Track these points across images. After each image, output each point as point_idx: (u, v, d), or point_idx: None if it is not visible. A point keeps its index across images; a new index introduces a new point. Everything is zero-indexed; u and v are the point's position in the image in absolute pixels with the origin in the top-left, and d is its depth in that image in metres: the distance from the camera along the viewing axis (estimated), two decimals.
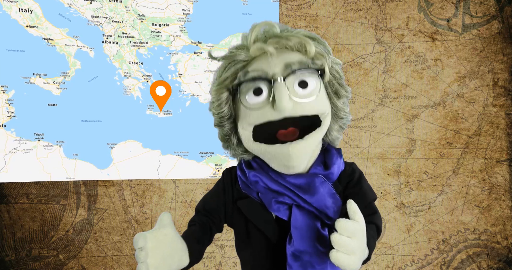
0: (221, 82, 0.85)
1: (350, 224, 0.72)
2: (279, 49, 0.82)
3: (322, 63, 0.83)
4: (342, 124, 0.92)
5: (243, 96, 0.83)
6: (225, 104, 0.87)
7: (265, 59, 0.82)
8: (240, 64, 0.84)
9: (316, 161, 0.89)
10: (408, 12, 1.97)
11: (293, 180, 0.85)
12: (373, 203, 0.92)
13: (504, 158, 1.94)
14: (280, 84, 0.78)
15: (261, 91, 0.81)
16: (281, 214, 0.85)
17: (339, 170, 0.90)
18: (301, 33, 0.84)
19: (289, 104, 0.78)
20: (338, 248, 0.71)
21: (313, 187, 0.83)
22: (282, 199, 0.85)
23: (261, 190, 0.88)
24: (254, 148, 0.86)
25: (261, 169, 0.89)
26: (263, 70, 0.81)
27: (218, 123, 0.91)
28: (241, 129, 0.88)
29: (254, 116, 0.83)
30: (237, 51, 0.84)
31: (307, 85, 0.81)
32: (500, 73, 1.93)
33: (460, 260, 1.96)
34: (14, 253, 1.90)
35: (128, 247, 1.97)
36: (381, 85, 1.98)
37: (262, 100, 0.81)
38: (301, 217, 0.83)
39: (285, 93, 0.77)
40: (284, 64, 0.80)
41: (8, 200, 1.89)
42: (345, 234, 0.72)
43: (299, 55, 0.82)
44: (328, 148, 0.93)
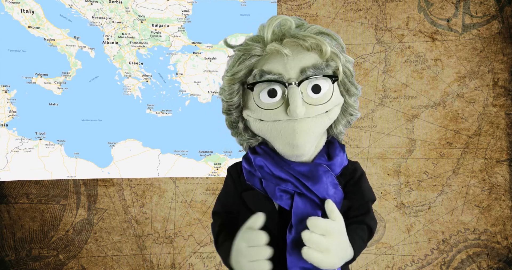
0: (234, 73, 0.87)
1: (322, 222, 0.74)
2: (295, 49, 0.84)
3: (336, 65, 0.85)
4: (350, 119, 0.95)
5: (257, 94, 0.85)
6: (236, 94, 0.89)
7: (280, 59, 0.83)
8: (254, 58, 0.86)
9: (320, 152, 0.91)
10: (408, 12, 1.97)
11: (298, 167, 0.86)
12: (370, 203, 0.93)
13: (504, 158, 1.93)
14: (295, 89, 0.80)
15: (275, 93, 0.83)
16: (283, 203, 0.86)
17: (341, 162, 0.92)
18: (316, 30, 0.86)
19: (303, 110, 0.81)
20: (310, 245, 0.73)
21: (317, 175, 0.84)
22: (285, 186, 0.86)
23: (265, 176, 0.89)
24: (261, 128, 0.88)
25: (267, 155, 0.91)
26: (279, 73, 0.83)
27: (226, 110, 0.93)
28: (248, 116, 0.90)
29: (266, 115, 0.85)
30: (253, 44, 0.86)
31: (320, 89, 0.84)
32: (500, 73, 1.93)
33: (460, 260, 1.95)
34: (14, 253, 1.90)
35: (128, 247, 1.97)
36: (381, 85, 1.98)
37: (276, 102, 0.83)
38: (302, 205, 0.84)
39: (299, 98, 0.80)
40: (300, 68, 0.82)
41: (8, 200, 1.90)
42: (316, 231, 0.73)
43: (314, 56, 0.84)
44: (332, 141, 0.95)
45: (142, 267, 1.97)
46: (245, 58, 0.86)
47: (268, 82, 0.83)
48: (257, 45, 0.85)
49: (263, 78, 0.83)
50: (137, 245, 1.98)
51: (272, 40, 0.84)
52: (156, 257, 1.98)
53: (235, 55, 0.89)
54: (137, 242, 1.98)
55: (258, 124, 0.88)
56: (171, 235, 1.98)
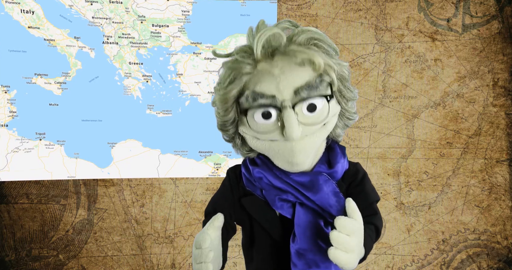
0: (226, 92, 0.82)
1: (349, 222, 0.73)
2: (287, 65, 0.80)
3: (331, 78, 0.81)
4: (348, 123, 0.92)
5: (251, 116, 0.82)
6: (230, 110, 0.86)
7: (272, 78, 0.79)
8: (245, 77, 0.81)
9: (320, 160, 0.89)
10: (408, 12, 1.97)
11: (297, 177, 0.85)
12: (375, 204, 0.92)
13: (504, 158, 1.93)
14: (290, 112, 0.77)
15: (270, 115, 0.80)
16: (284, 212, 0.85)
17: (343, 169, 0.90)
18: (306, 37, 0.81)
19: (299, 132, 0.78)
20: (337, 246, 0.72)
21: (317, 185, 0.83)
22: (286, 196, 0.85)
23: (265, 187, 0.88)
24: (258, 146, 0.86)
25: (265, 165, 0.89)
26: (272, 94, 0.79)
27: (221, 127, 0.91)
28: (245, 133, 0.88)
29: (262, 136, 0.83)
30: (243, 61, 0.81)
31: (316, 107, 0.80)
32: (500, 73, 1.93)
33: (460, 260, 1.95)
34: (14, 253, 1.90)
35: (128, 247, 1.97)
36: (381, 85, 1.98)
37: (271, 124, 0.81)
38: (304, 215, 0.83)
39: (294, 121, 0.77)
40: (293, 88, 0.79)
41: (8, 200, 1.90)
42: (344, 232, 0.72)
43: (307, 71, 0.79)
44: (332, 146, 0.92)
45: (142, 267, 1.97)
46: (236, 77, 0.82)
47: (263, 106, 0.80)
48: (247, 62, 0.81)
49: (256, 102, 0.80)
50: (137, 245, 1.98)
51: (262, 56, 0.80)
52: (156, 257, 1.98)
53: (225, 71, 0.84)
54: (137, 242, 1.98)
55: (255, 142, 0.86)
56: (171, 235, 1.99)
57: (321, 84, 0.80)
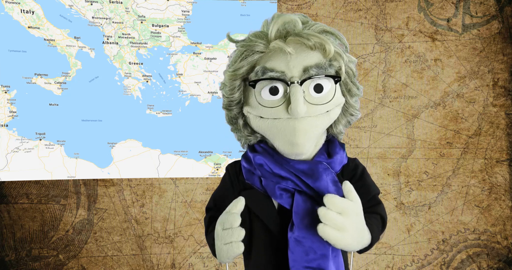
0: (236, 69, 0.86)
1: (340, 200, 0.74)
2: (298, 47, 0.83)
3: (339, 65, 0.85)
4: (350, 120, 0.95)
5: (258, 92, 0.85)
6: (237, 90, 0.89)
7: (283, 57, 0.83)
8: (257, 55, 0.85)
9: (320, 151, 0.91)
10: (408, 12, 1.97)
11: (297, 165, 0.86)
12: (377, 196, 0.94)
13: (504, 158, 1.93)
14: (297, 88, 0.80)
15: (277, 90, 0.83)
16: (283, 201, 0.86)
17: (341, 160, 0.92)
18: (320, 28, 0.86)
19: (304, 109, 0.80)
20: (326, 222, 0.73)
21: (317, 173, 0.84)
22: (285, 184, 0.86)
23: (265, 174, 0.89)
24: (261, 125, 0.88)
25: (266, 152, 0.91)
26: (282, 70, 0.82)
27: (226, 106, 0.93)
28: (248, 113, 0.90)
29: (266, 113, 0.85)
30: (256, 41, 0.85)
31: (323, 89, 0.83)
32: (500, 73, 1.93)
33: (460, 260, 1.95)
34: (14, 253, 1.90)
35: (128, 247, 1.97)
36: (381, 85, 1.98)
37: (277, 99, 0.83)
38: (303, 203, 0.83)
39: (301, 97, 0.79)
40: (303, 67, 0.82)
41: (8, 200, 1.90)
42: (333, 209, 0.73)
43: (317, 55, 0.83)
44: (331, 139, 0.95)
45: (142, 267, 1.97)
46: (248, 54, 0.85)
47: (270, 80, 0.83)
48: (260, 41, 0.84)
49: (265, 75, 0.83)
50: (137, 245, 1.98)
51: (275, 38, 0.84)
52: (156, 257, 1.98)
53: (238, 50, 0.88)
54: (137, 242, 1.98)
55: (258, 121, 0.88)
56: (171, 235, 1.99)
57: (330, 67, 0.84)
